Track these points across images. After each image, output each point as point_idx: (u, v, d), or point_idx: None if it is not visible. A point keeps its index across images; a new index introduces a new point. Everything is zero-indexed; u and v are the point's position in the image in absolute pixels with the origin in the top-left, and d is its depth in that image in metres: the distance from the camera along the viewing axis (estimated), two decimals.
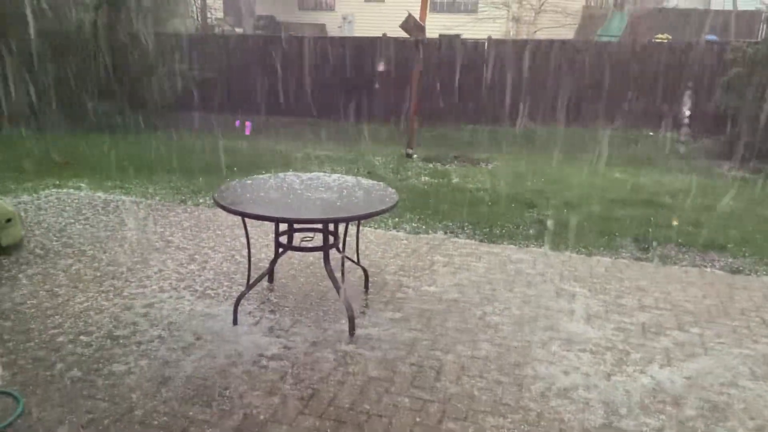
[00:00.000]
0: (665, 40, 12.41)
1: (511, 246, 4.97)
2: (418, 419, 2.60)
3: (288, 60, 12.46)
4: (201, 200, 6.14)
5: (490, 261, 4.58)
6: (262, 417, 2.59)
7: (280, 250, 3.63)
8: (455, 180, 7.58)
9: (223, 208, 3.21)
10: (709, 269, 4.52)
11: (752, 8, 15.71)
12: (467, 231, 5.37)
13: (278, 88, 12.38)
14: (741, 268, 4.54)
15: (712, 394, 2.85)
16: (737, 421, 2.65)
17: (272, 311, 3.61)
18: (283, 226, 3.76)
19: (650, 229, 5.38)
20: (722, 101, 9.34)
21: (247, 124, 10.63)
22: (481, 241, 5.11)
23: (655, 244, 5.04)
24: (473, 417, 2.62)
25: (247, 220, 3.40)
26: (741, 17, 16.05)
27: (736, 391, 2.88)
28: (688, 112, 10.49)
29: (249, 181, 3.81)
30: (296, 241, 3.81)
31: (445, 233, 5.31)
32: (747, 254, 4.83)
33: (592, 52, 11.33)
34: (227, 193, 3.50)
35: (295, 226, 3.76)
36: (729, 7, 16.89)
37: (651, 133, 10.67)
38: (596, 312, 3.71)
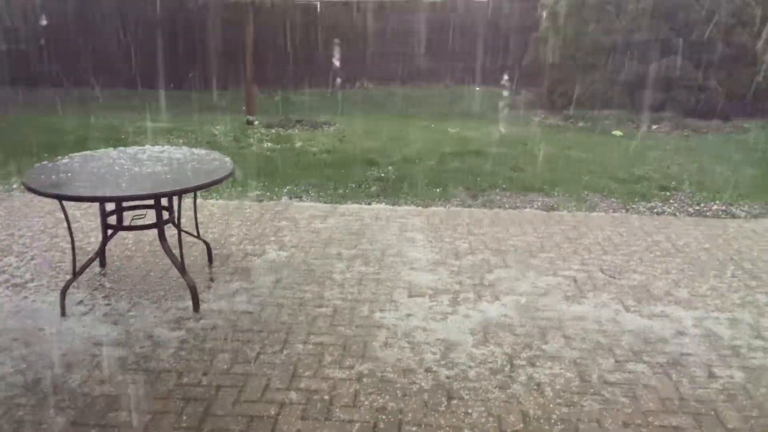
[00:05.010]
0: None
1: (355, 205, 5.11)
2: (268, 383, 2.63)
3: (113, 24, 11.36)
4: (16, 186, 5.51)
5: (334, 221, 4.67)
6: (101, 406, 2.46)
7: (109, 231, 3.41)
8: (298, 144, 7.55)
9: (34, 191, 2.92)
10: (528, 209, 5.02)
11: None
12: (312, 194, 5.41)
13: (104, 56, 11.29)
14: (555, 206, 5.10)
15: (532, 320, 3.21)
16: (554, 339, 3.02)
17: (106, 297, 3.39)
18: (111, 206, 3.52)
19: (479, 178, 5.82)
20: (534, 55, 10.20)
21: None
22: (325, 202, 5.18)
23: (482, 191, 5.47)
24: (321, 372, 2.71)
25: (68, 202, 3.13)
26: None
27: (552, 314, 3.27)
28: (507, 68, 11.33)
29: (65, 160, 3.49)
30: (127, 221, 3.59)
31: (290, 198, 5.31)
32: (560, 193, 5.43)
33: (422, 13, 11.72)
34: (39, 174, 3.18)
35: (124, 204, 3.53)
36: None
37: (477, 89, 11.40)
38: (433, 259, 3.97)
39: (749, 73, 9.15)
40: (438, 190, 5.50)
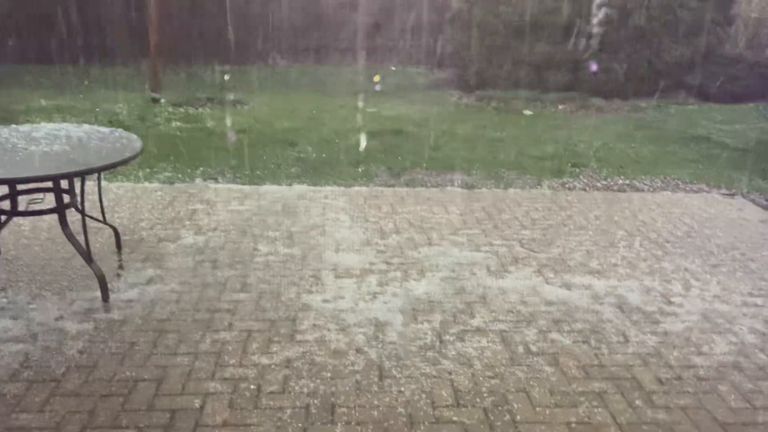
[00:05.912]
0: None
1: (275, 186, 4.95)
2: (191, 373, 2.49)
3: None
4: None
5: (254, 203, 4.50)
6: (4, 407, 2.23)
7: (3, 217, 3.09)
8: (210, 124, 7.21)
9: None
10: (449, 188, 5.07)
11: None
12: (228, 175, 5.19)
13: None
14: (475, 184, 5.18)
15: (459, 295, 3.23)
16: (480, 313, 3.06)
17: (3, 289, 3.08)
18: (3, 189, 3.19)
19: (399, 157, 5.81)
20: (449, 36, 10.31)
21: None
22: (243, 184, 4.99)
23: (404, 170, 5.47)
24: (248, 359, 2.60)
25: None
26: None
27: (479, 289, 3.32)
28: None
29: None
30: (22, 205, 3.27)
31: (204, 179, 5.06)
32: (478, 171, 5.52)
33: None
34: None
35: (19, 187, 3.21)
36: None
37: (393, 68, 11.39)
38: (359, 239, 3.92)
39: (646, 54, 9.70)
40: (360, 169, 5.43)
